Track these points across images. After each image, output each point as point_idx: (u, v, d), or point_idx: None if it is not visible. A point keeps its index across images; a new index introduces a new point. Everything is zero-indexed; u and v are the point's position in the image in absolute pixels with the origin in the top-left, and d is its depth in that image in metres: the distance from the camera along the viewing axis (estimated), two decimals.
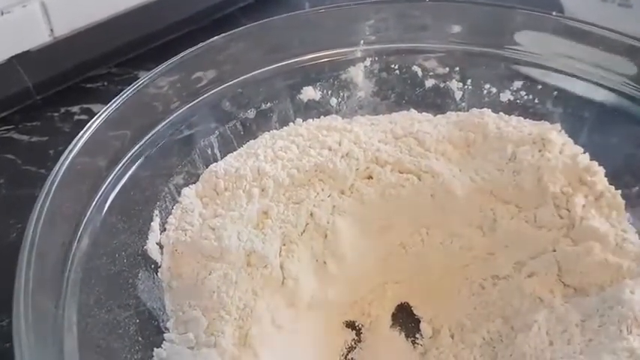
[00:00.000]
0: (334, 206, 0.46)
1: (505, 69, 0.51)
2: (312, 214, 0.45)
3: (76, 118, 0.60)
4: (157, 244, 0.44)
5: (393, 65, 0.53)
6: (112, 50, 0.64)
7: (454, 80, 0.53)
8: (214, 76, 0.49)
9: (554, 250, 0.44)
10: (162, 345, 0.39)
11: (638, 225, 0.45)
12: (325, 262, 0.45)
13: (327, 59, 0.52)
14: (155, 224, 0.44)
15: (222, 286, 0.41)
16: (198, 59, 0.49)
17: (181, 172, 0.47)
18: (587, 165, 0.45)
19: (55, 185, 0.39)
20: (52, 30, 0.62)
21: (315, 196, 0.46)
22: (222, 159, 0.49)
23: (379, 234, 0.47)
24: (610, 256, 0.42)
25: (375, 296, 0.47)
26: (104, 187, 0.42)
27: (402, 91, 0.53)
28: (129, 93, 0.45)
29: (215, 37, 0.50)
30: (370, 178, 0.47)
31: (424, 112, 0.52)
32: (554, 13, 0.51)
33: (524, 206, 0.46)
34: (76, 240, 0.39)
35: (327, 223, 0.45)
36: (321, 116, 0.52)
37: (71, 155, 0.40)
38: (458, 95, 0.53)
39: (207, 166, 0.48)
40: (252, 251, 0.42)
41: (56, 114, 0.60)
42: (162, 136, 0.46)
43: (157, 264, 0.43)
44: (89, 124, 0.42)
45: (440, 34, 0.52)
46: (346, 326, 0.46)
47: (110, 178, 0.43)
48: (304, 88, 0.52)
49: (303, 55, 0.51)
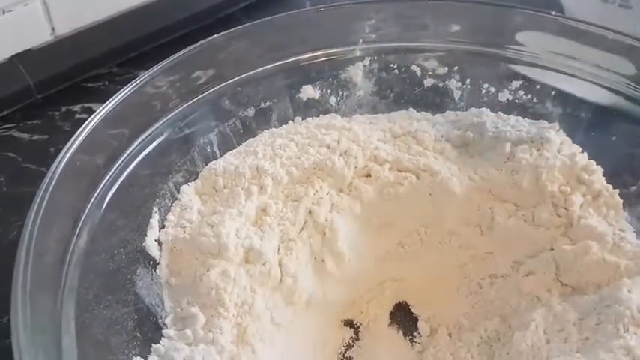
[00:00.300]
0: (333, 204, 0.46)
1: (504, 68, 0.52)
2: (310, 212, 0.45)
3: (77, 117, 0.60)
4: (155, 240, 0.44)
5: (392, 64, 0.53)
6: (113, 49, 0.65)
7: (453, 80, 0.53)
8: (214, 75, 0.49)
9: (551, 249, 0.44)
10: (161, 341, 0.39)
11: (635, 224, 0.45)
12: (324, 260, 0.45)
13: (326, 58, 0.52)
14: (154, 221, 0.44)
15: (220, 283, 0.41)
16: (197, 57, 0.49)
17: (180, 169, 0.47)
18: (585, 164, 0.46)
19: (54, 182, 0.39)
20: (53, 29, 0.62)
21: (314, 194, 0.46)
22: (221, 157, 0.49)
23: (377, 232, 0.47)
24: (607, 255, 0.42)
25: (374, 295, 0.47)
26: (103, 185, 0.42)
27: (401, 91, 0.53)
28: (128, 91, 0.45)
29: (215, 35, 0.50)
30: (369, 176, 0.47)
31: (423, 112, 0.52)
32: (553, 13, 0.51)
33: (522, 205, 0.46)
34: (75, 237, 0.39)
35: (326, 221, 0.45)
36: (321, 115, 0.52)
37: (70, 153, 0.41)
38: (457, 95, 0.53)
39: (207, 164, 0.48)
40: (251, 248, 0.43)
41: (57, 113, 0.61)
42: (162, 134, 0.46)
43: (156, 261, 0.43)
44: (87, 121, 0.42)
45: (439, 33, 0.53)
46: (344, 324, 0.46)
47: (109, 175, 0.43)
48: (304, 86, 0.52)
49: (302, 54, 0.52)
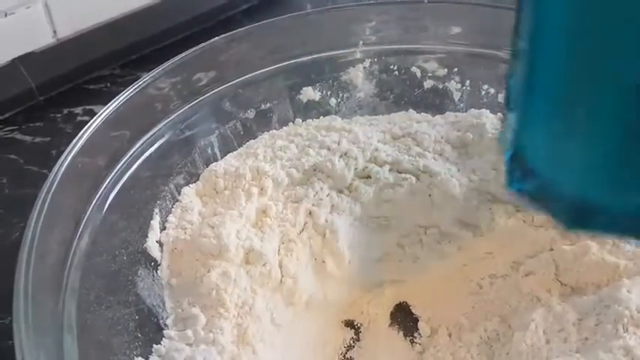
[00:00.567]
0: (333, 205, 0.46)
1: (504, 70, 0.52)
2: (310, 213, 0.46)
3: (79, 119, 0.60)
4: (156, 242, 0.44)
5: (392, 66, 0.53)
6: (115, 52, 0.65)
7: (453, 81, 0.53)
8: (215, 77, 0.50)
9: (551, 250, 0.44)
10: (162, 342, 0.40)
11: None
12: (324, 261, 0.45)
13: (326, 60, 0.53)
14: (155, 223, 0.44)
15: (221, 284, 0.41)
16: (199, 59, 0.49)
17: (182, 171, 0.47)
18: None
19: (56, 184, 0.39)
20: (55, 31, 0.62)
21: (314, 196, 0.46)
22: (222, 158, 0.49)
23: (377, 233, 0.47)
24: (607, 256, 0.42)
25: (374, 295, 0.47)
26: (104, 186, 0.42)
27: (401, 92, 0.54)
28: (129, 93, 0.45)
29: (216, 37, 0.50)
30: (369, 177, 0.48)
31: (423, 113, 0.52)
32: None
33: (521, 206, 0.46)
34: (77, 238, 0.40)
35: (326, 222, 0.45)
36: (321, 116, 0.52)
37: (71, 155, 0.41)
38: (456, 96, 0.53)
39: (208, 166, 0.48)
40: (251, 249, 0.43)
41: (59, 115, 0.61)
42: (163, 136, 0.47)
43: (157, 262, 0.43)
44: (89, 123, 0.43)
45: (439, 35, 0.53)
46: (345, 325, 0.46)
47: (110, 177, 0.43)
48: (304, 88, 0.52)
49: (302, 56, 0.52)
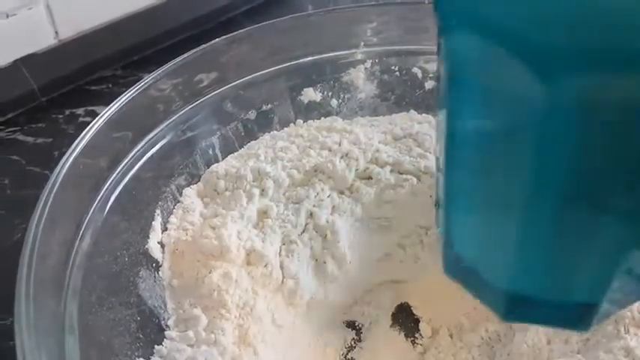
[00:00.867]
0: (334, 206, 0.46)
1: None
2: (311, 214, 0.46)
3: (81, 120, 0.61)
4: (158, 243, 0.44)
5: (393, 67, 0.53)
6: (117, 53, 0.65)
7: None
8: (216, 78, 0.50)
9: None
10: (163, 342, 0.40)
11: None
12: (325, 262, 0.45)
13: (328, 61, 0.53)
14: (156, 224, 0.44)
15: (222, 285, 0.41)
16: (200, 61, 0.49)
17: (183, 172, 0.48)
18: None
19: (57, 185, 0.39)
20: (57, 33, 0.62)
21: (315, 196, 0.46)
22: (223, 160, 0.49)
23: (378, 234, 0.47)
24: None
25: (375, 296, 0.47)
26: (106, 187, 0.42)
27: (403, 93, 0.54)
28: (131, 94, 0.45)
29: (217, 39, 0.50)
30: (370, 178, 0.48)
31: (424, 114, 0.52)
32: None
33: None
34: (78, 239, 0.40)
35: (327, 222, 0.45)
36: (322, 117, 0.52)
37: (73, 155, 0.41)
38: None
39: (209, 167, 0.48)
40: (252, 250, 0.43)
41: (61, 116, 0.61)
42: (164, 137, 0.47)
43: (158, 263, 0.43)
44: (91, 124, 0.43)
45: None
46: (346, 326, 0.46)
47: (112, 178, 0.43)
48: (305, 89, 0.52)
49: (304, 57, 0.52)
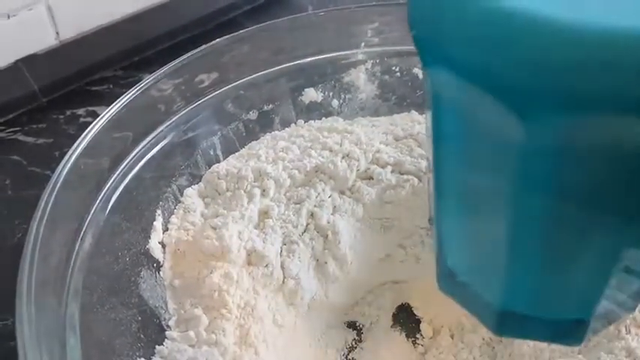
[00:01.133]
0: (335, 207, 0.46)
1: None
2: (312, 214, 0.46)
3: (82, 120, 0.61)
4: (159, 243, 0.44)
5: (394, 67, 0.53)
6: (118, 53, 0.65)
7: None
8: (217, 78, 0.50)
9: None
10: (164, 343, 0.40)
11: None
12: (326, 262, 0.45)
13: (329, 61, 0.53)
14: (158, 224, 0.44)
15: (223, 285, 0.41)
16: (201, 61, 0.49)
17: (184, 172, 0.48)
18: None
19: (59, 185, 0.39)
20: (57, 33, 0.63)
21: (316, 197, 0.46)
22: (224, 160, 0.49)
23: (379, 234, 0.47)
24: None
25: (376, 296, 0.47)
26: (107, 188, 0.42)
27: (404, 93, 0.54)
28: (132, 94, 0.45)
29: (218, 39, 0.50)
30: (371, 179, 0.48)
31: (425, 114, 0.52)
32: None
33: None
34: (79, 239, 0.40)
35: (328, 223, 0.45)
36: (323, 118, 0.53)
37: (74, 156, 0.41)
38: None
39: (210, 167, 0.48)
40: (253, 250, 0.43)
41: (62, 116, 0.61)
42: (165, 137, 0.47)
43: (160, 263, 0.43)
44: (92, 125, 0.43)
45: None
46: (347, 326, 0.46)
47: (113, 178, 0.43)
48: (306, 89, 0.52)
49: (305, 58, 0.52)
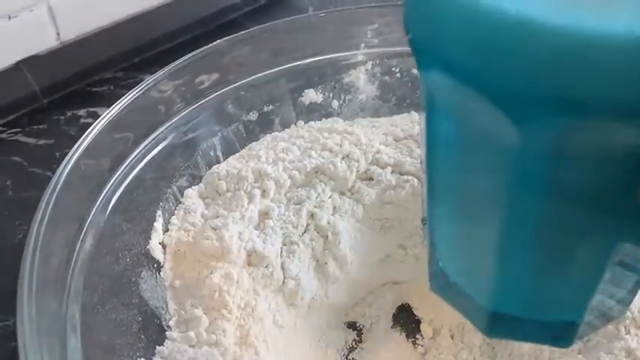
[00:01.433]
0: (335, 207, 0.46)
1: None
2: (312, 214, 0.46)
3: (82, 121, 0.61)
4: (159, 244, 0.44)
5: (394, 68, 0.54)
6: (118, 54, 0.65)
7: None
8: (217, 79, 0.50)
9: None
10: (165, 343, 0.40)
11: None
12: (326, 263, 0.45)
13: (329, 62, 0.53)
14: (158, 224, 0.45)
15: (223, 286, 0.41)
16: (201, 62, 0.49)
17: (184, 173, 0.48)
18: None
19: (59, 186, 0.39)
20: (58, 34, 0.63)
21: (316, 197, 0.46)
22: (224, 161, 0.49)
23: (379, 235, 0.47)
24: None
25: (376, 297, 0.47)
26: (108, 188, 0.42)
27: (403, 94, 0.54)
28: (133, 95, 0.45)
29: (218, 40, 0.50)
30: (371, 179, 0.48)
31: None
32: None
33: None
34: (80, 240, 0.40)
35: (328, 224, 0.45)
36: (323, 119, 0.53)
37: (75, 157, 0.41)
38: None
39: (210, 168, 0.48)
40: (253, 251, 0.43)
41: (62, 117, 0.61)
42: (166, 138, 0.47)
43: (160, 263, 0.44)
44: (93, 126, 0.43)
45: None
46: (347, 327, 0.46)
47: (114, 179, 0.43)
48: (306, 90, 0.53)
49: (305, 59, 0.52)
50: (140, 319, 0.40)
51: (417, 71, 0.52)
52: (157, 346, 0.39)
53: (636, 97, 0.19)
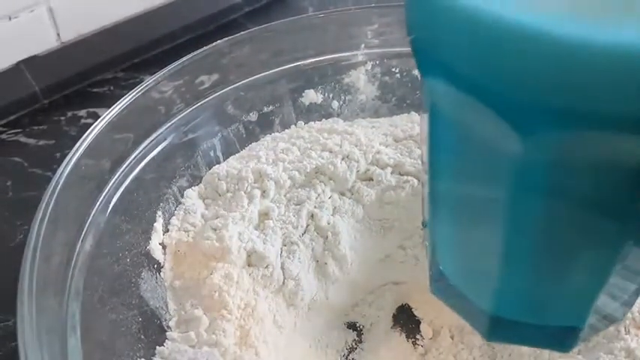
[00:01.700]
0: (335, 208, 0.46)
1: None
2: (312, 215, 0.46)
3: (83, 121, 0.61)
4: (159, 244, 0.44)
5: (394, 69, 0.54)
6: (118, 55, 0.65)
7: None
8: (217, 80, 0.50)
9: None
10: (165, 343, 0.40)
11: None
12: (326, 263, 0.45)
13: (329, 63, 0.53)
14: (158, 225, 0.45)
15: (223, 286, 0.41)
16: (201, 63, 0.49)
17: (184, 174, 0.48)
18: None
19: (60, 187, 0.39)
20: (58, 35, 0.63)
21: (316, 198, 0.46)
22: (224, 161, 0.49)
23: (379, 235, 0.47)
24: None
25: (376, 297, 0.47)
26: (108, 189, 0.42)
27: (403, 95, 0.54)
28: (133, 96, 0.45)
29: (218, 41, 0.50)
30: (371, 180, 0.48)
31: None
32: None
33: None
34: (80, 240, 0.40)
35: (328, 224, 0.45)
36: (323, 119, 0.53)
37: (75, 157, 0.41)
38: None
39: (210, 168, 0.48)
40: (253, 251, 0.43)
41: (63, 118, 0.61)
42: (166, 139, 0.47)
43: (160, 264, 0.44)
44: (93, 126, 0.43)
45: None
46: (347, 327, 0.46)
47: (114, 179, 0.43)
48: (306, 91, 0.52)
49: (305, 59, 0.52)
50: (140, 319, 0.41)
51: (417, 72, 0.53)
52: (157, 347, 0.39)
53: None
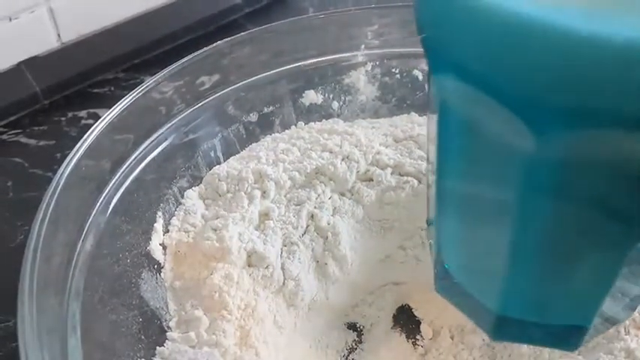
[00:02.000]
0: (335, 208, 0.46)
1: None
2: (312, 215, 0.46)
3: (83, 122, 0.61)
4: (160, 244, 0.44)
5: (394, 69, 0.54)
6: (119, 56, 0.65)
7: None
8: (218, 80, 0.50)
9: None
10: (165, 344, 0.40)
11: None
12: (326, 264, 0.45)
13: (329, 63, 0.53)
14: (158, 225, 0.45)
15: (223, 286, 0.41)
16: (202, 63, 0.49)
17: (185, 174, 0.48)
18: None
19: (60, 187, 0.39)
20: (59, 35, 0.63)
21: (316, 198, 0.46)
22: (224, 162, 0.49)
23: (379, 236, 0.47)
24: None
25: (376, 298, 0.47)
26: (108, 189, 0.43)
27: (403, 95, 0.54)
28: (133, 97, 0.45)
29: (219, 41, 0.50)
30: (371, 180, 0.48)
31: (425, 116, 0.52)
32: None
33: None
34: (81, 241, 0.40)
35: (328, 224, 0.46)
36: (323, 120, 0.53)
37: (76, 158, 0.41)
38: None
39: (210, 169, 0.49)
40: (254, 252, 0.43)
41: (63, 118, 0.61)
42: (166, 139, 0.47)
43: (160, 264, 0.44)
44: (94, 127, 0.43)
45: None
46: (347, 327, 0.46)
47: (114, 180, 0.43)
48: (306, 91, 0.53)
49: (305, 60, 0.52)
50: (140, 319, 0.41)
51: (417, 72, 0.53)
52: (158, 347, 0.39)
53: None
